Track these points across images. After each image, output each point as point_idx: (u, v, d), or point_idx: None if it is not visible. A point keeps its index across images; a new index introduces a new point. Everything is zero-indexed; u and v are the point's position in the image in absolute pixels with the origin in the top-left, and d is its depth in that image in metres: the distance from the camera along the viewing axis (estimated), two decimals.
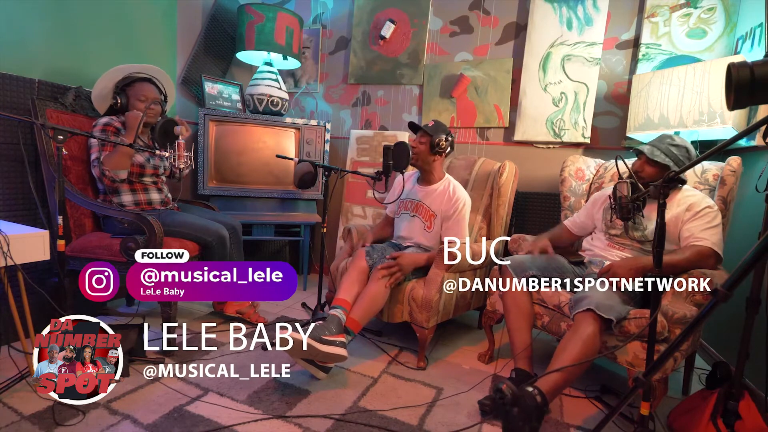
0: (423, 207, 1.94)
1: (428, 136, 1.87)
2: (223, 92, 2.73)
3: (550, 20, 2.45)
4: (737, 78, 0.79)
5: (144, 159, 1.87)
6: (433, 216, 1.91)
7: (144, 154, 1.86)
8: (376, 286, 1.67)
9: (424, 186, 1.97)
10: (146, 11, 2.36)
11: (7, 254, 1.20)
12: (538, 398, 1.20)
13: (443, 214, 1.89)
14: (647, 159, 1.54)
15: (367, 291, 1.67)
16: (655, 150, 1.53)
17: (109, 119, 1.79)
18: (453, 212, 1.87)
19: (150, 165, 1.89)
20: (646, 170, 1.54)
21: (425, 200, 1.94)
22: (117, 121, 1.80)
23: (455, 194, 1.89)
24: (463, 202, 1.88)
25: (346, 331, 1.56)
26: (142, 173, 1.87)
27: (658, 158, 1.50)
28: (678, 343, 0.89)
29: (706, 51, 2.15)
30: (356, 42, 2.94)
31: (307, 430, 1.27)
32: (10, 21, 1.70)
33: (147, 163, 1.87)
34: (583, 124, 2.41)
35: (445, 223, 1.89)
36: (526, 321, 1.56)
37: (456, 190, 1.91)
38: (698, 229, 1.45)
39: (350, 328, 1.57)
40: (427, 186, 1.96)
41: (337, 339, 1.49)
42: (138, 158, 1.84)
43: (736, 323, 1.44)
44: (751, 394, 1.24)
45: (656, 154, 1.51)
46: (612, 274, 1.41)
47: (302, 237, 2.76)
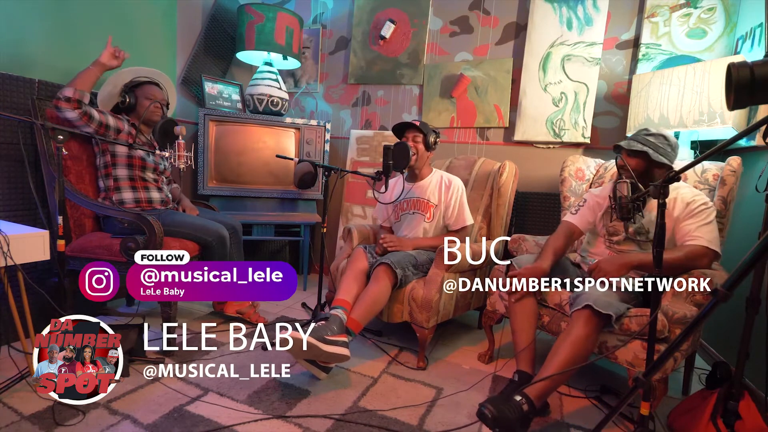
0: (421, 201, 1.98)
1: (422, 134, 1.93)
2: (223, 92, 2.74)
3: (550, 20, 2.45)
4: (737, 78, 0.79)
5: (144, 154, 1.88)
6: (432, 206, 1.96)
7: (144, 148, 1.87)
8: (377, 286, 1.67)
9: (415, 183, 2.01)
10: (146, 11, 2.36)
11: (7, 254, 1.20)
12: (524, 407, 1.21)
13: (445, 203, 1.95)
14: (627, 152, 1.56)
15: (368, 291, 1.67)
16: (631, 142, 1.54)
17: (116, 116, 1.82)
18: (454, 199, 1.94)
19: (150, 160, 1.90)
20: (630, 163, 1.55)
21: (422, 195, 1.98)
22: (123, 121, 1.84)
23: (450, 182, 1.97)
24: (460, 187, 1.97)
25: (347, 331, 1.55)
26: (143, 166, 1.88)
27: (635, 147, 1.52)
28: (678, 343, 0.89)
29: (706, 51, 2.15)
30: (356, 42, 2.94)
31: (307, 430, 1.27)
32: (10, 21, 1.70)
33: (147, 157, 1.89)
34: (583, 124, 2.41)
35: (448, 211, 1.94)
36: (530, 323, 1.55)
37: (449, 178, 1.99)
38: (694, 227, 1.45)
39: (351, 329, 1.57)
40: (419, 181, 2.00)
41: (340, 339, 1.49)
42: (139, 152, 1.85)
43: (736, 323, 1.44)
44: (751, 394, 1.24)
45: (633, 145, 1.53)
46: (599, 271, 1.42)
47: (302, 237, 2.76)
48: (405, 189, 2.01)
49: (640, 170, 1.52)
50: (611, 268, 1.41)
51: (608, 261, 1.44)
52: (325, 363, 1.51)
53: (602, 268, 1.42)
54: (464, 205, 1.96)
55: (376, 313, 1.68)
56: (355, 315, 1.61)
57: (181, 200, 2.08)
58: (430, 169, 2.04)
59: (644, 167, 1.51)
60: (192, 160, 1.82)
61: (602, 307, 1.29)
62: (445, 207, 1.95)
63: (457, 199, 1.94)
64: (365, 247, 1.90)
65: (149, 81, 1.92)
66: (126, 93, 1.87)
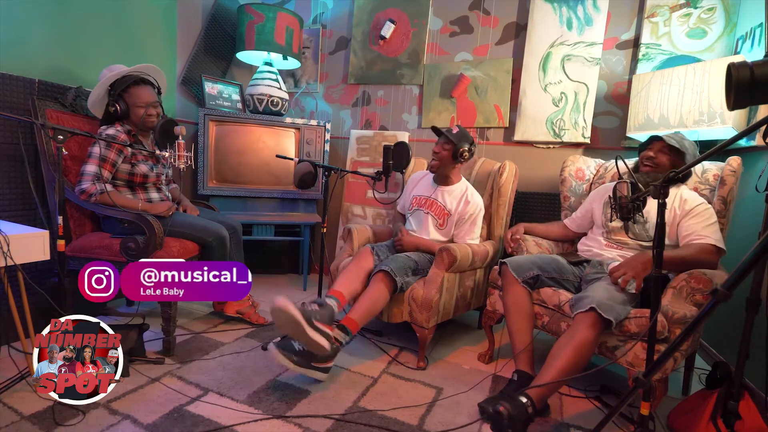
0: (437, 204, 1.97)
1: (452, 144, 1.88)
2: (223, 92, 2.74)
3: (550, 20, 2.45)
4: (737, 78, 0.79)
5: (147, 168, 1.85)
6: (447, 215, 1.94)
7: (148, 163, 1.86)
8: (376, 291, 1.67)
9: (441, 186, 2.00)
10: (146, 11, 2.36)
11: (7, 254, 1.20)
12: (529, 409, 1.22)
13: (459, 215, 1.93)
14: (665, 145, 1.57)
15: (368, 293, 1.67)
16: (670, 138, 1.57)
17: (114, 131, 1.73)
18: (469, 216, 1.92)
19: (153, 174, 1.88)
20: (660, 158, 1.57)
21: (441, 198, 1.97)
22: (122, 133, 1.76)
23: (472, 198, 1.95)
24: (479, 208, 1.95)
25: (343, 329, 1.55)
26: (144, 182, 1.86)
27: (676, 144, 1.54)
28: (678, 343, 0.89)
29: (706, 51, 2.15)
30: (356, 42, 2.94)
31: (307, 430, 1.27)
32: (11, 21, 1.69)
33: (150, 172, 1.87)
34: (583, 124, 2.41)
35: (460, 224, 1.93)
36: (527, 322, 1.56)
37: (473, 195, 1.96)
38: (699, 227, 1.47)
39: (348, 328, 1.56)
40: (445, 186, 1.99)
41: (325, 330, 1.46)
42: (142, 168, 1.83)
43: (736, 323, 1.44)
44: (751, 394, 1.24)
45: (672, 142, 1.55)
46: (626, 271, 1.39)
47: (302, 237, 2.76)
48: (430, 187, 2.02)
49: (664, 167, 1.55)
50: (636, 269, 1.38)
51: (633, 260, 1.42)
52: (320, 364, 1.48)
53: (626, 271, 1.39)
54: (477, 225, 1.95)
55: (373, 315, 1.67)
56: (353, 315, 1.60)
57: (181, 200, 2.07)
58: (460, 178, 2.02)
59: (669, 166, 1.54)
60: (192, 160, 1.82)
61: (604, 311, 1.29)
62: (459, 219, 1.93)
63: (473, 217, 1.93)
64: (373, 247, 1.88)
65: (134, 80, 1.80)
66: (116, 100, 1.76)
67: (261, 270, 3.07)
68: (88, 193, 1.68)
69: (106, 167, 1.73)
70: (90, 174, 1.70)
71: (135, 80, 1.81)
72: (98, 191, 1.69)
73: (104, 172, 1.73)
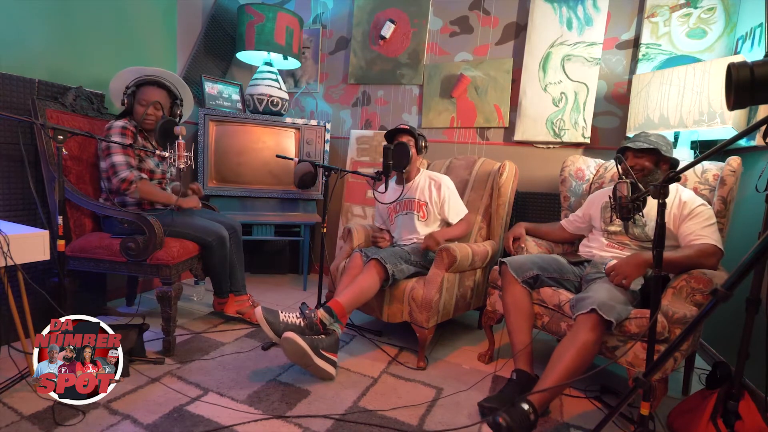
0: (414, 202, 2.02)
1: (414, 139, 2.00)
2: (223, 92, 2.74)
3: (550, 20, 2.45)
4: (737, 78, 0.78)
5: (154, 164, 1.87)
6: (424, 204, 2.00)
7: (154, 159, 1.88)
8: (366, 278, 1.70)
9: (404, 185, 2.06)
10: (146, 11, 2.36)
11: (7, 254, 1.19)
12: (531, 416, 1.21)
13: (439, 202, 1.99)
14: (635, 152, 1.58)
15: (357, 281, 1.71)
16: (637, 142, 1.57)
17: (124, 123, 1.76)
18: (445, 195, 1.98)
19: (159, 171, 1.90)
20: (639, 163, 1.57)
21: (413, 195, 2.02)
22: (131, 125, 1.78)
23: (439, 180, 2.02)
24: (449, 183, 2.02)
25: (329, 312, 1.59)
26: (150, 178, 1.87)
27: (644, 146, 1.54)
28: (678, 343, 0.89)
29: (706, 51, 2.15)
30: (356, 42, 2.94)
31: (307, 430, 1.27)
32: (11, 21, 1.69)
33: (156, 168, 1.88)
34: (583, 124, 2.41)
35: (444, 207, 1.98)
36: (526, 321, 1.56)
37: (437, 176, 2.04)
38: (698, 227, 1.46)
39: (334, 311, 1.59)
40: (408, 183, 2.06)
41: (331, 357, 1.55)
42: (149, 163, 1.85)
43: (736, 323, 1.44)
44: (751, 394, 1.23)
45: (640, 144, 1.55)
46: (618, 274, 1.39)
47: (302, 237, 2.76)
48: (396, 192, 2.07)
49: (649, 169, 1.55)
50: (630, 269, 1.39)
51: (625, 262, 1.42)
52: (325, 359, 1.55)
53: (620, 270, 1.40)
54: (457, 197, 2.02)
55: (362, 302, 1.70)
56: (341, 299, 1.63)
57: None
58: (418, 170, 2.09)
59: (652, 166, 1.54)
60: (192, 160, 1.82)
61: (605, 312, 1.28)
62: (441, 204, 1.98)
63: (449, 194, 1.98)
64: (362, 251, 1.90)
65: (148, 81, 1.84)
66: (127, 95, 1.81)
67: (261, 270, 3.07)
68: (129, 180, 1.70)
69: (131, 153, 1.75)
70: (122, 163, 1.72)
71: (148, 81, 1.85)
72: (137, 177, 1.73)
73: (131, 159, 1.75)
